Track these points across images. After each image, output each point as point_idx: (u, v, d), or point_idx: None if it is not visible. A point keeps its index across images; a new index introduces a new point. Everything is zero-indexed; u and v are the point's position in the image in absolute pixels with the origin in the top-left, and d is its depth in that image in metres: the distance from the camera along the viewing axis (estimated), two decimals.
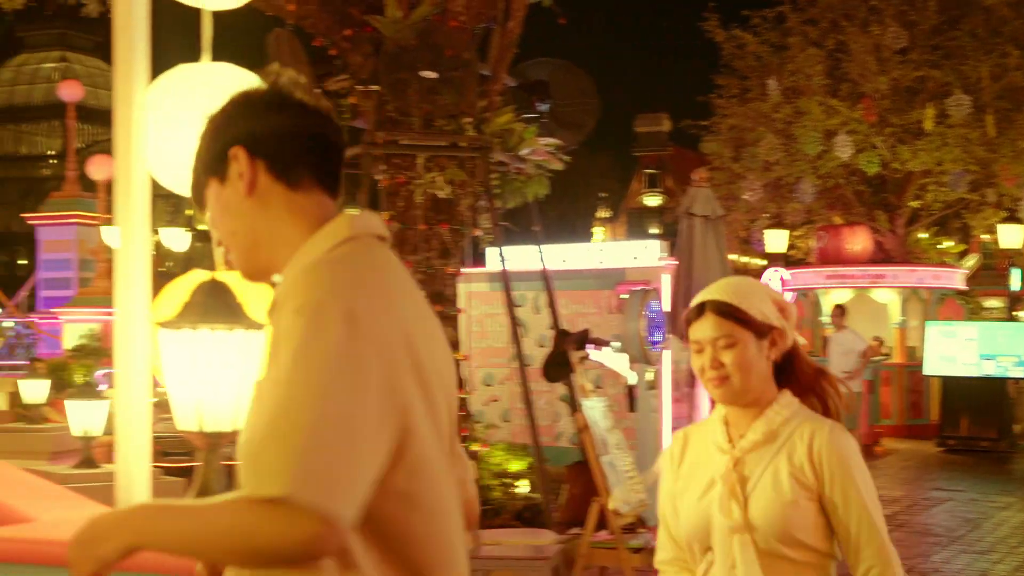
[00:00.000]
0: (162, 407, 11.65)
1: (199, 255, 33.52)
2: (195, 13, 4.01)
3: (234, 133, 2.28)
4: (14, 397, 18.12)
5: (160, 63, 3.79)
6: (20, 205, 48.32)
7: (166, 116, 3.66)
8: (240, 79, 3.93)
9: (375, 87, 10.68)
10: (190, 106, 3.71)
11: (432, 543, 2.16)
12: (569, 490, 9.72)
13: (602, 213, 71.86)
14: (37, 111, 55.29)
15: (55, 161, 53.25)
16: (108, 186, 28.88)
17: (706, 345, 3.11)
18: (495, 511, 10.57)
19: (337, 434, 1.96)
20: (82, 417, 8.92)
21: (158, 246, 25.19)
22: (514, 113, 11.36)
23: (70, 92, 30.25)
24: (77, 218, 29.86)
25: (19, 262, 49.10)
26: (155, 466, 3.67)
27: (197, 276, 3.85)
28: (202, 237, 33.03)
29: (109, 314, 27.06)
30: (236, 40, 4.18)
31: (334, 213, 2.28)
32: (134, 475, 3.41)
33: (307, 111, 2.30)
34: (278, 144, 2.27)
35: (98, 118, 54.13)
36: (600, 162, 66.09)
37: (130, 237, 3.50)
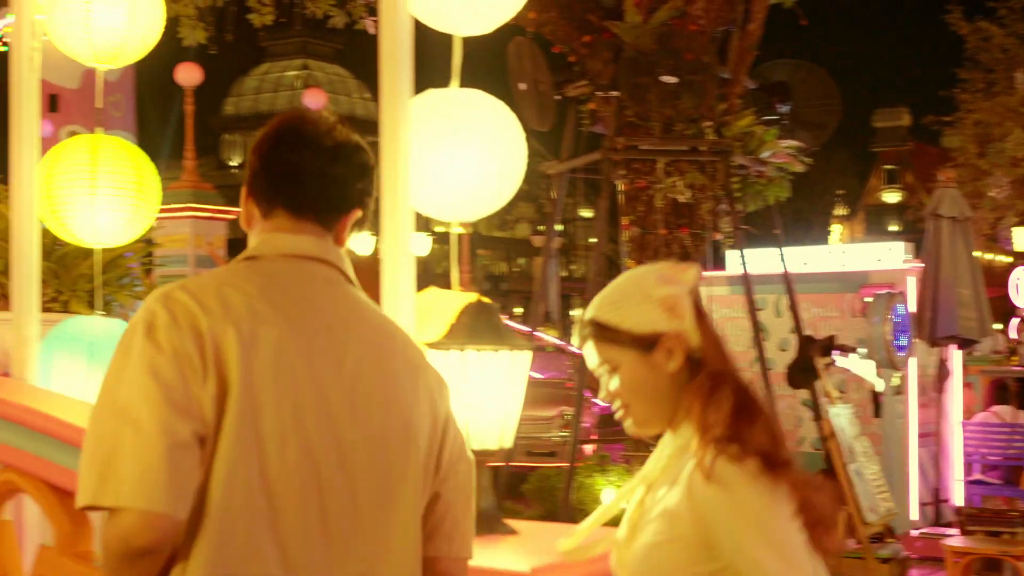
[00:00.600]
0: None
1: (435, 258, 34.12)
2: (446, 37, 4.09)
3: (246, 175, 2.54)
4: None
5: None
6: None
7: (417, 141, 3.75)
8: (486, 105, 4.00)
9: (614, 92, 10.72)
10: (439, 132, 3.80)
11: (214, 547, 2.20)
12: None
13: (839, 210, 70.49)
14: None
15: None
16: None
17: (598, 374, 2.62)
18: None
19: (143, 438, 2.15)
20: None
21: None
22: (754, 115, 11.25)
23: (314, 99, 31.12)
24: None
25: None
26: None
27: (436, 294, 3.94)
28: (440, 239, 33.66)
29: None
30: (477, 51, 4.24)
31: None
32: None
33: (282, 145, 2.51)
34: (253, 180, 2.51)
35: None
36: (837, 158, 64.84)
37: (396, 258, 3.61)
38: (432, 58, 3.98)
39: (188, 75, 27.17)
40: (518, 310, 51.07)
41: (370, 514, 2.33)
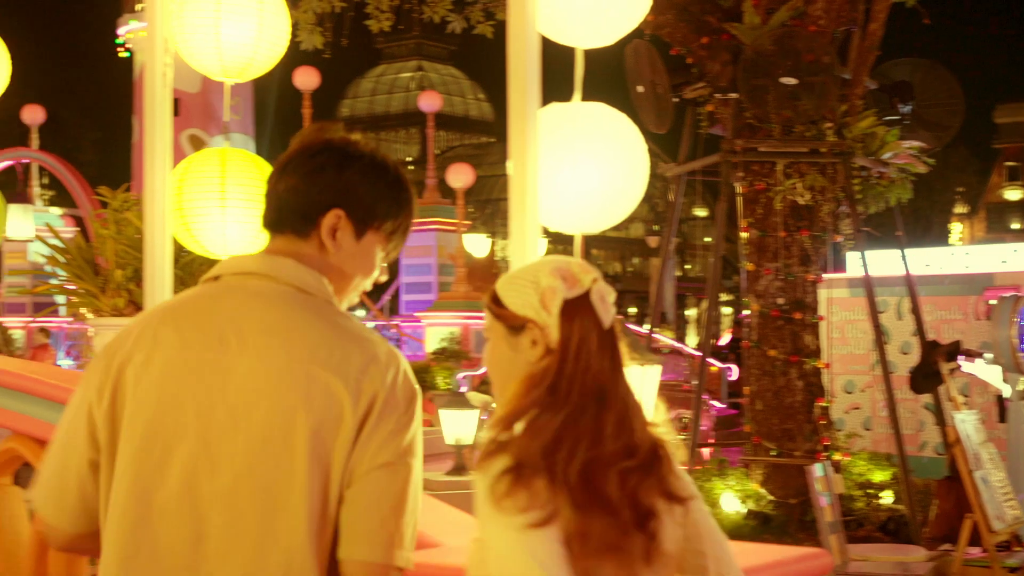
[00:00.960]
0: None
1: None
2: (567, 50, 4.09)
3: None
4: None
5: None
6: None
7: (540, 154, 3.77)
8: (608, 117, 4.00)
9: (733, 94, 10.66)
10: (561, 144, 3.80)
11: (104, 556, 2.47)
12: (939, 505, 9.43)
13: (959, 208, 69.35)
14: (395, 119, 57.61)
15: (412, 167, 55.30)
16: (466, 193, 29.85)
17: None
18: (858, 522, 10.36)
19: (52, 453, 2.56)
20: (454, 426, 9.24)
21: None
22: (876, 116, 11.12)
23: (429, 102, 31.32)
24: (437, 224, 30.95)
25: None
26: None
27: None
28: (555, 240, 33.53)
29: (468, 318, 27.92)
30: (594, 55, 4.24)
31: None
32: None
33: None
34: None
35: (453, 124, 56.08)
36: (957, 155, 63.78)
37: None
38: (552, 69, 3.99)
39: (306, 79, 27.51)
40: (632, 310, 50.96)
41: (253, 522, 2.43)
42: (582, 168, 3.84)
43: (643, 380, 3.22)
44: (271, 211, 2.63)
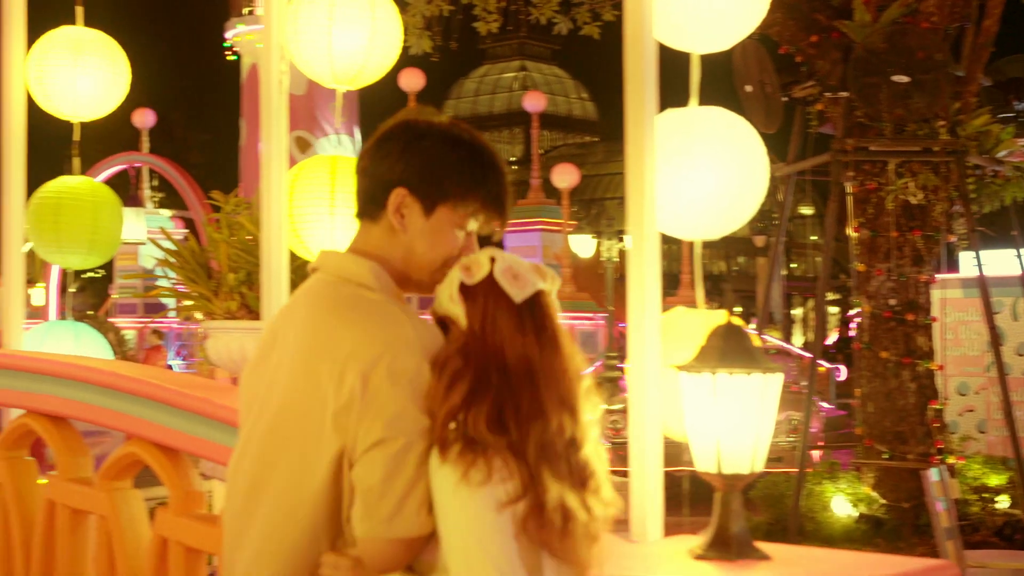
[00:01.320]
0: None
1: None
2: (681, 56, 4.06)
3: None
4: None
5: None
6: None
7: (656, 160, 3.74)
8: (726, 123, 3.95)
9: (843, 93, 10.51)
10: (678, 150, 3.77)
11: None
12: None
13: None
14: (498, 119, 57.72)
15: (516, 167, 55.38)
16: (570, 193, 29.84)
17: None
18: (973, 527, 10.19)
19: None
20: None
21: (622, 253, 25.70)
22: (990, 114, 10.91)
23: (534, 102, 31.36)
24: (541, 224, 30.97)
25: None
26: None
27: (683, 313, 3.91)
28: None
29: (574, 318, 27.90)
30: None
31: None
32: (648, 481, 3.56)
33: None
34: None
35: (556, 124, 56.03)
36: None
37: (642, 272, 3.62)
38: (664, 74, 3.96)
39: (411, 80, 27.68)
40: (737, 309, 50.60)
41: (241, 505, 2.64)
42: (700, 174, 3.80)
43: (764, 389, 3.18)
44: (356, 196, 2.70)
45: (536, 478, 2.40)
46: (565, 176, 28.85)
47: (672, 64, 4.14)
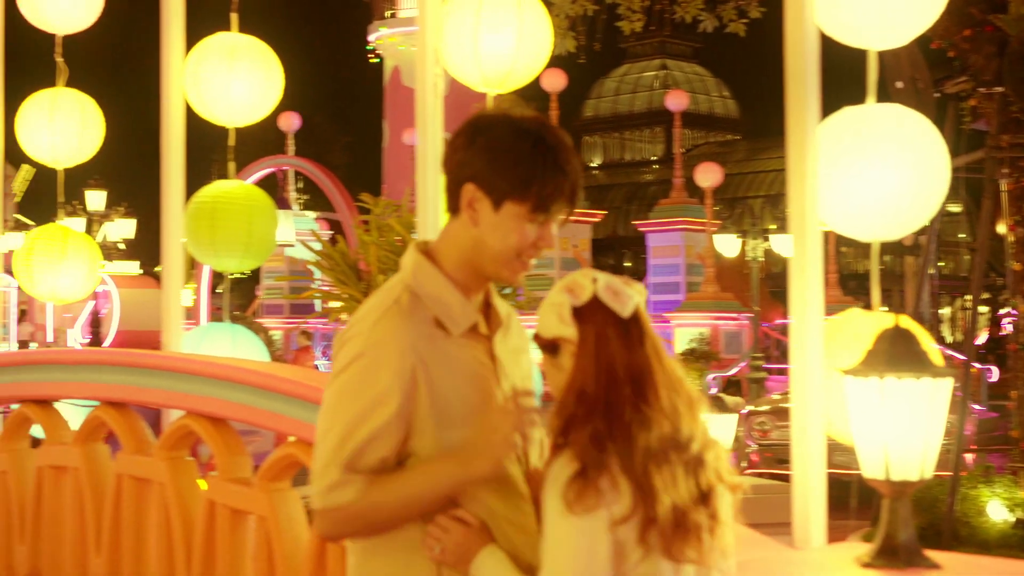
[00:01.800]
0: (778, 415, 11.67)
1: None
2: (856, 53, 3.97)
3: None
4: None
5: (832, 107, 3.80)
6: (625, 210, 50.45)
7: (829, 160, 3.66)
8: (905, 121, 3.86)
9: (998, 88, 10.25)
10: (853, 149, 3.69)
11: None
12: None
13: None
14: (639, 118, 57.49)
15: (657, 166, 55.11)
16: (713, 192, 29.62)
17: None
18: None
19: None
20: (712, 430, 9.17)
21: (767, 252, 25.45)
22: None
23: (676, 101, 31.21)
24: (684, 224, 30.80)
25: (624, 264, 51.25)
26: (776, 475, 3.73)
27: (856, 316, 3.83)
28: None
29: (718, 318, 27.69)
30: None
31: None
32: (810, 486, 3.50)
33: None
34: None
35: (698, 123, 55.62)
36: None
37: (804, 273, 3.57)
38: (831, 70, 3.88)
39: (553, 81, 27.74)
40: (883, 309, 49.59)
41: None
42: (878, 173, 3.70)
43: (934, 394, 3.10)
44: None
45: (646, 490, 2.46)
46: (708, 175, 28.66)
47: (837, 61, 4.07)
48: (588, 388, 2.54)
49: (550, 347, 2.63)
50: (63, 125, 6.53)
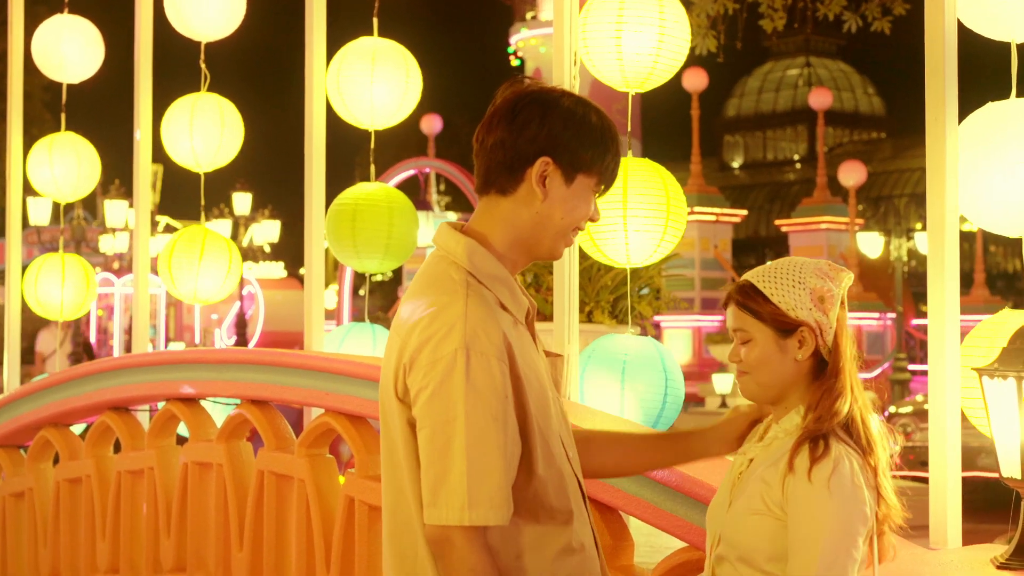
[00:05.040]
0: (921, 416, 11.47)
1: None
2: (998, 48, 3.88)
3: None
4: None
5: (973, 102, 3.72)
6: (767, 210, 49.96)
7: (975, 156, 3.58)
8: None
9: None
10: (1000, 145, 3.61)
11: None
12: None
13: None
14: (781, 117, 56.84)
15: (799, 166, 54.44)
16: (857, 191, 29.22)
17: (731, 333, 2.77)
18: None
19: None
20: None
21: (910, 252, 25.00)
22: None
23: (820, 99, 30.86)
24: (827, 223, 30.43)
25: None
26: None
27: (1015, 318, 3.75)
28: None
29: (860, 318, 27.31)
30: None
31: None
32: (947, 487, 3.45)
33: None
34: None
35: (842, 121, 54.84)
36: None
37: (941, 270, 3.52)
38: (975, 65, 3.81)
39: (695, 80, 27.64)
40: None
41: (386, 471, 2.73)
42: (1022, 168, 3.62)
43: None
44: (479, 172, 2.72)
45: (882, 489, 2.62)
46: (852, 173, 28.28)
47: (981, 55, 3.99)
48: (845, 388, 2.62)
49: (784, 324, 2.65)
50: (203, 129, 6.69)
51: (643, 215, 4.80)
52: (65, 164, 7.64)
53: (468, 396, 2.48)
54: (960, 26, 3.68)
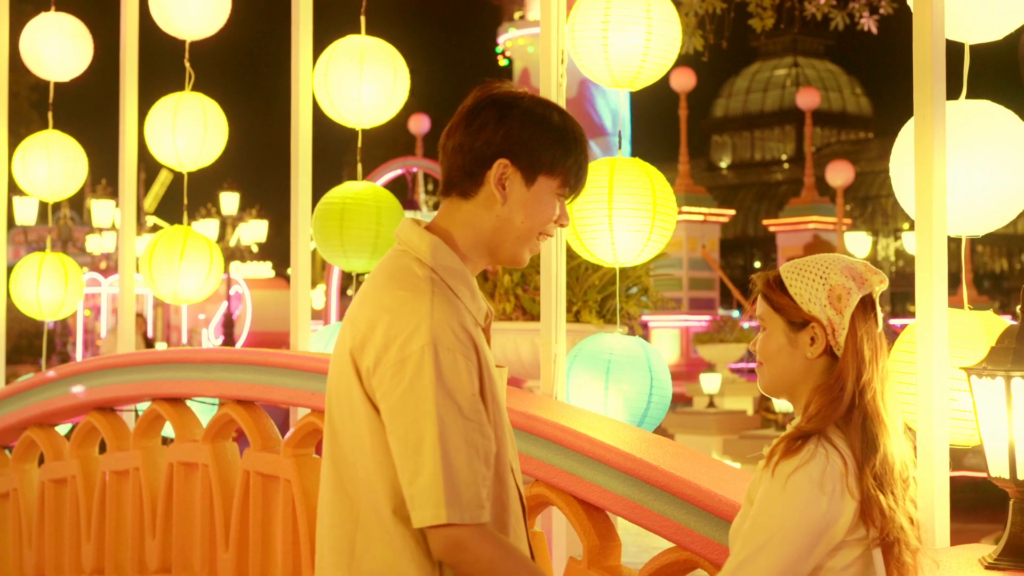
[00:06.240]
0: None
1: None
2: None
3: None
4: (761, 401, 18.72)
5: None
6: (755, 210, 50.02)
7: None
8: (995, 116, 3.77)
9: None
10: (949, 147, 3.61)
11: None
12: None
13: None
14: (769, 117, 56.95)
15: (787, 166, 54.53)
16: (845, 191, 29.26)
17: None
18: None
19: None
20: None
21: (899, 252, 25.04)
22: None
23: (807, 100, 30.88)
24: (815, 223, 30.49)
25: (754, 264, 50.86)
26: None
27: (985, 316, 3.75)
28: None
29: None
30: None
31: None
32: (935, 487, 3.44)
33: None
34: None
35: (829, 121, 54.97)
36: None
37: (928, 270, 3.51)
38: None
39: (682, 80, 27.64)
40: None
41: (322, 463, 2.72)
42: (973, 169, 3.64)
43: None
44: (442, 175, 2.70)
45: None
46: (839, 173, 28.33)
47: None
48: (850, 393, 2.57)
49: (796, 317, 2.63)
50: (186, 128, 6.65)
51: (629, 214, 4.79)
52: (51, 163, 7.61)
53: (438, 393, 2.45)
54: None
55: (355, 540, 2.58)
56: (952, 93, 3.70)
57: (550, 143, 2.64)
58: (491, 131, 2.62)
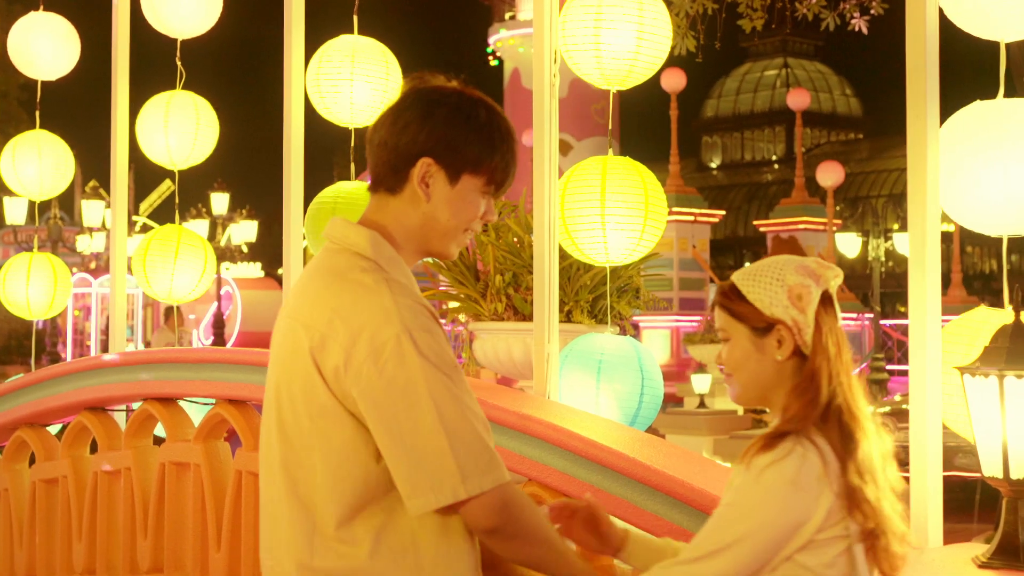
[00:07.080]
0: (899, 416, 11.52)
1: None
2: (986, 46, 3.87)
3: None
4: None
5: (953, 101, 3.71)
6: (745, 210, 50.01)
7: (960, 154, 3.56)
8: None
9: None
10: (985, 145, 3.59)
11: None
12: None
13: None
14: (759, 118, 56.92)
15: (777, 166, 54.52)
16: (835, 192, 29.28)
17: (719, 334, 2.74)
18: None
19: None
20: None
21: (890, 252, 25.11)
22: None
23: (798, 100, 30.89)
24: (805, 224, 30.49)
25: (745, 265, 50.76)
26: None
27: (987, 315, 3.75)
28: None
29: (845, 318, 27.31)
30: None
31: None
32: (928, 486, 3.45)
33: None
34: None
35: (819, 122, 54.95)
36: None
37: (921, 270, 3.51)
38: (961, 65, 3.79)
39: (673, 80, 27.60)
40: None
41: (265, 468, 2.67)
42: (1010, 168, 3.59)
43: None
44: (369, 171, 2.71)
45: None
46: (830, 174, 28.34)
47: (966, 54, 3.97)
48: (822, 391, 2.56)
49: (759, 323, 2.61)
50: (178, 127, 6.65)
51: (621, 213, 4.79)
52: (38, 162, 7.59)
53: (426, 372, 2.45)
54: (941, 24, 3.66)
55: (313, 543, 2.56)
56: (989, 92, 3.68)
57: (475, 141, 2.63)
58: (415, 129, 2.62)
